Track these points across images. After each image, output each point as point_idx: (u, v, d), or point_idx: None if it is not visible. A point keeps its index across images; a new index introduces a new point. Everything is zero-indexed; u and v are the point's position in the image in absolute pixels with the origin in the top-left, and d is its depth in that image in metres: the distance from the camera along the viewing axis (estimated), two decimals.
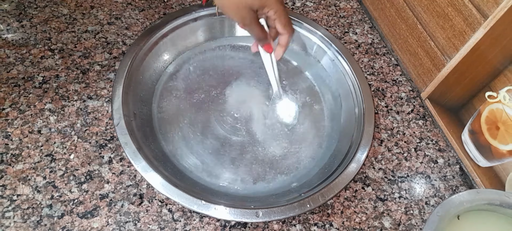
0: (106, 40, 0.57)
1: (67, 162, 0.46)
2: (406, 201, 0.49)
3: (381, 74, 0.61)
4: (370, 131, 0.49)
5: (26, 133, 0.47)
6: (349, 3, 0.71)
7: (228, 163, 0.48)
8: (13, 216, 0.41)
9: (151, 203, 0.44)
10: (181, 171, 0.46)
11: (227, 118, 0.52)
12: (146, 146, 0.45)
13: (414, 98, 0.59)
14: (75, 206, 0.43)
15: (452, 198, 0.37)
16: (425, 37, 0.56)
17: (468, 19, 0.48)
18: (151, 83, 0.53)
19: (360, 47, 0.64)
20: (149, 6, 0.63)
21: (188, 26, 0.57)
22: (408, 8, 0.58)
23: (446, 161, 0.54)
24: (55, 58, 0.54)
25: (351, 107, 0.53)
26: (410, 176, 0.51)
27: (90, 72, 0.54)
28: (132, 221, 0.43)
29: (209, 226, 0.44)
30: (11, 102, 0.49)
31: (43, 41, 0.55)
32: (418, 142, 0.55)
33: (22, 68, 0.52)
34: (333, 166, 0.47)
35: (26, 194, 0.43)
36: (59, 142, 0.47)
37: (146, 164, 0.42)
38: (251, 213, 0.41)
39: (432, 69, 0.56)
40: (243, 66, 0.57)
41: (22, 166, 0.45)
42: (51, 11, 0.59)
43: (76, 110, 0.50)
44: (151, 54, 0.53)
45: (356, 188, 0.49)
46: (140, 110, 0.49)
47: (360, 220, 0.47)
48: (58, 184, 0.44)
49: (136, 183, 0.45)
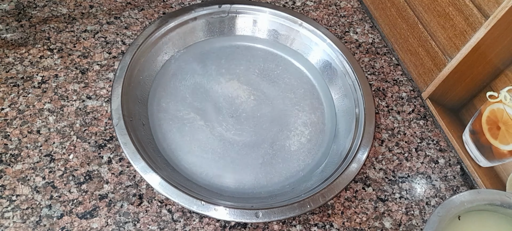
0: (105, 39, 0.57)
1: (66, 162, 0.45)
2: (406, 201, 0.49)
3: (381, 74, 0.61)
4: (371, 131, 0.48)
5: (25, 133, 0.47)
6: (349, 3, 0.70)
7: (228, 163, 0.48)
8: (12, 216, 0.41)
9: (151, 204, 0.44)
10: (180, 171, 0.46)
11: (227, 117, 0.52)
12: (146, 146, 0.45)
13: (415, 98, 0.59)
14: (74, 206, 0.43)
15: (452, 198, 0.36)
16: (426, 37, 0.56)
17: (469, 19, 0.48)
18: (150, 83, 0.53)
19: (361, 47, 0.64)
20: (148, 5, 0.63)
21: (188, 25, 0.56)
22: (409, 8, 0.58)
23: (447, 161, 0.53)
24: (54, 58, 0.54)
25: (352, 107, 0.53)
26: (410, 176, 0.51)
27: (89, 72, 0.53)
28: (131, 222, 0.43)
29: (209, 226, 0.44)
30: (10, 102, 0.49)
31: (42, 41, 0.55)
32: (419, 142, 0.55)
33: (21, 68, 0.52)
34: (333, 166, 0.47)
35: (25, 194, 0.43)
36: (58, 142, 0.47)
37: (146, 164, 0.42)
38: (251, 214, 0.40)
39: (433, 69, 0.55)
40: (244, 66, 0.57)
41: (21, 166, 0.44)
42: (50, 10, 0.59)
43: (75, 110, 0.50)
44: (150, 54, 0.53)
45: (356, 189, 0.49)
46: (139, 110, 0.49)
47: (360, 221, 0.46)
48: (58, 184, 0.44)
49: (136, 183, 0.45)
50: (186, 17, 0.56)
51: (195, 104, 0.52)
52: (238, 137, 0.50)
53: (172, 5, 0.64)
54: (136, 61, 0.51)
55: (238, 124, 0.51)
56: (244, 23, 0.59)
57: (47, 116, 0.49)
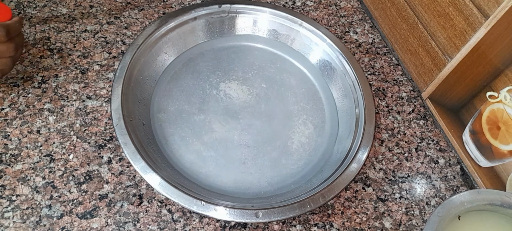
0: (105, 39, 0.57)
1: (66, 162, 0.45)
2: (406, 201, 0.49)
3: (381, 74, 0.61)
4: (371, 131, 0.48)
5: (25, 133, 0.47)
6: (349, 3, 0.70)
7: (228, 163, 0.48)
8: (12, 216, 0.41)
9: (151, 204, 0.44)
10: (180, 171, 0.46)
11: (227, 117, 0.52)
12: (146, 146, 0.45)
13: (415, 98, 0.59)
14: (74, 206, 0.43)
15: (452, 198, 0.36)
16: (426, 37, 0.56)
17: (469, 19, 0.48)
18: (150, 83, 0.53)
19: (361, 47, 0.64)
20: (148, 5, 0.63)
21: (188, 25, 0.56)
22: (409, 8, 0.58)
23: (447, 161, 0.53)
24: (54, 58, 0.54)
25: (352, 107, 0.53)
26: (410, 176, 0.51)
27: (89, 72, 0.53)
28: (131, 222, 0.43)
29: (209, 226, 0.44)
30: (10, 102, 0.49)
31: (42, 41, 0.55)
32: (419, 142, 0.55)
33: (21, 68, 0.52)
34: (333, 166, 0.47)
35: (25, 194, 0.43)
36: (58, 142, 0.47)
37: (146, 164, 0.42)
38: (251, 214, 0.40)
39: (433, 69, 0.55)
40: (244, 66, 0.57)
41: (21, 166, 0.44)
42: (50, 10, 0.59)
43: (75, 110, 0.50)
44: (150, 54, 0.53)
45: (356, 189, 0.49)
46: (139, 110, 0.49)
47: (360, 221, 0.46)
48: (58, 184, 0.44)
49: (136, 183, 0.45)
50: (186, 17, 0.56)
51: (195, 105, 0.52)
52: (238, 137, 0.50)
53: (172, 5, 0.64)
54: (136, 61, 0.51)
55: (238, 124, 0.51)
56: (244, 23, 0.59)
57: (47, 116, 0.49)
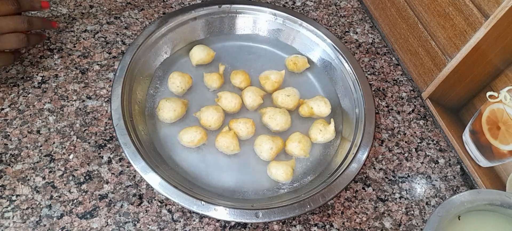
0: (105, 39, 0.57)
1: (66, 162, 0.45)
2: (406, 201, 0.49)
3: (381, 74, 0.61)
4: (371, 131, 0.48)
5: (25, 133, 0.47)
6: (349, 3, 0.70)
7: (228, 163, 0.48)
8: (12, 216, 0.41)
9: (151, 204, 0.44)
10: (180, 171, 0.46)
11: (227, 117, 0.52)
12: (146, 146, 0.45)
13: (415, 98, 0.59)
14: (74, 206, 0.43)
15: (453, 198, 0.36)
16: (426, 37, 0.56)
17: (469, 19, 0.48)
18: (150, 83, 0.53)
19: (361, 47, 0.64)
20: (148, 5, 0.63)
21: (188, 25, 0.56)
22: (409, 8, 0.58)
23: (447, 161, 0.53)
24: (54, 58, 0.54)
25: (352, 107, 0.53)
26: (410, 176, 0.51)
27: (89, 72, 0.53)
28: (131, 222, 0.43)
29: (209, 226, 0.44)
30: (10, 102, 0.49)
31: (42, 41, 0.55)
32: (419, 142, 0.55)
33: (21, 68, 0.52)
34: (333, 166, 0.47)
35: (25, 194, 0.43)
36: (58, 142, 0.47)
37: (146, 164, 0.42)
38: (251, 214, 0.40)
39: (433, 69, 0.55)
40: (243, 66, 0.57)
41: (21, 166, 0.44)
42: (50, 10, 0.59)
43: (75, 110, 0.50)
44: (150, 54, 0.53)
45: (356, 188, 0.49)
46: (139, 110, 0.49)
47: (360, 221, 0.46)
48: (58, 184, 0.44)
49: (136, 183, 0.45)
50: (186, 17, 0.56)
51: (195, 104, 0.52)
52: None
53: (172, 5, 0.64)
54: (136, 61, 0.50)
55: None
56: (244, 23, 0.59)
57: (47, 116, 0.49)
